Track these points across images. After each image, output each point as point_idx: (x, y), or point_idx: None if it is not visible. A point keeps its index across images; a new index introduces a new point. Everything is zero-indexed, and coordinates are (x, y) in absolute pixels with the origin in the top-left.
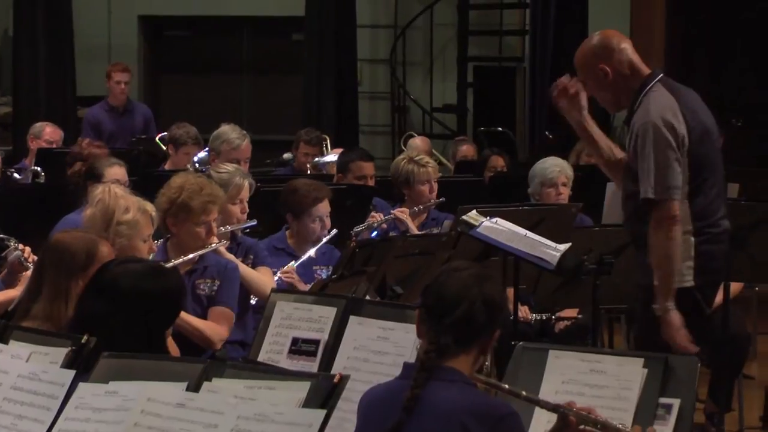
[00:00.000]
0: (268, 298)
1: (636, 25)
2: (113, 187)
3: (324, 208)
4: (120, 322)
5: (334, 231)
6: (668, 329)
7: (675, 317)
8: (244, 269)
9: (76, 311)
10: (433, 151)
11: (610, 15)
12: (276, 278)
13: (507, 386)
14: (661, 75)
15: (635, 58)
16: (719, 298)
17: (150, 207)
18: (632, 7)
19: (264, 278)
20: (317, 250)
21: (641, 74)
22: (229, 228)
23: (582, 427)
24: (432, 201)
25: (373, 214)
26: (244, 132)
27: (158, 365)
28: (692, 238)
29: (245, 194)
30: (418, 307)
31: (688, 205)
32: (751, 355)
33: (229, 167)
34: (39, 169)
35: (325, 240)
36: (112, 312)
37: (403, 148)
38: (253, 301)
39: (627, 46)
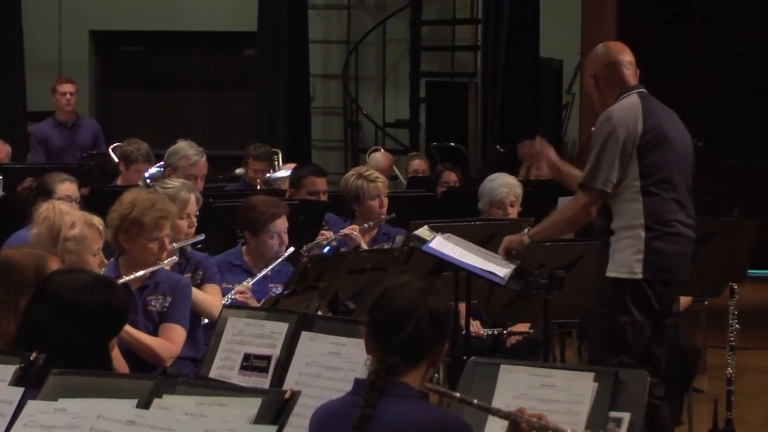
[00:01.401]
0: (219, 314)
1: (587, 40)
2: (57, 203)
3: (282, 224)
4: (62, 332)
5: (292, 249)
6: (508, 240)
7: (517, 238)
8: (194, 292)
9: (20, 321)
10: (394, 167)
11: (562, 30)
12: (229, 300)
13: (458, 394)
14: (642, 89)
15: (627, 71)
16: None
17: (97, 220)
18: (583, 23)
19: (212, 300)
20: (273, 267)
21: (626, 85)
22: (176, 245)
23: None
24: (382, 216)
25: (323, 231)
26: (201, 149)
27: (108, 382)
28: (643, 233)
29: (192, 208)
30: (365, 325)
31: (641, 201)
32: (701, 368)
33: (175, 182)
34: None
35: (283, 257)
36: (55, 322)
37: (367, 160)
38: (205, 320)
39: (623, 60)
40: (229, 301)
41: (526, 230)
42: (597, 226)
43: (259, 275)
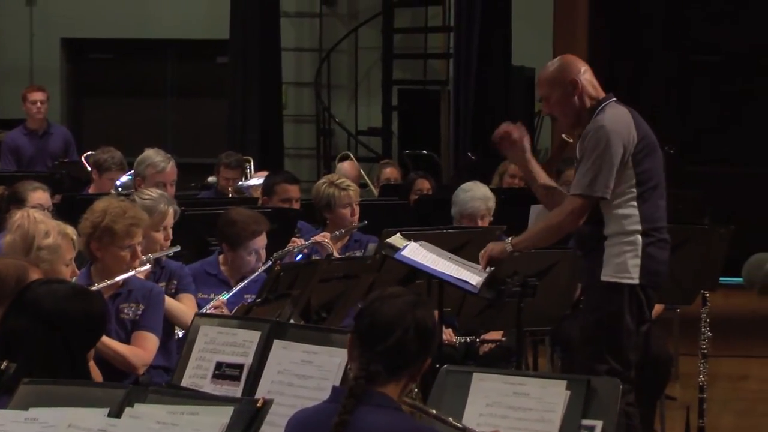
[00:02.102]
0: (191, 323)
1: (558, 48)
2: (32, 211)
3: (261, 241)
4: (41, 342)
5: (269, 263)
6: (490, 248)
7: (499, 247)
8: (168, 301)
9: None
10: (362, 173)
11: (533, 39)
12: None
13: (434, 411)
14: (614, 98)
15: (595, 81)
16: None
17: (70, 230)
18: (554, 31)
19: (188, 311)
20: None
21: (599, 94)
22: (151, 256)
23: None
24: (354, 224)
25: (294, 239)
26: (169, 155)
27: (80, 391)
28: (640, 238)
29: (169, 221)
30: (351, 332)
31: (637, 207)
32: (673, 376)
33: (154, 193)
34: None
35: (258, 272)
36: (34, 331)
37: (336, 167)
38: (180, 333)
39: (588, 69)
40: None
41: (509, 240)
42: (583, 233)
43: (235, 289)
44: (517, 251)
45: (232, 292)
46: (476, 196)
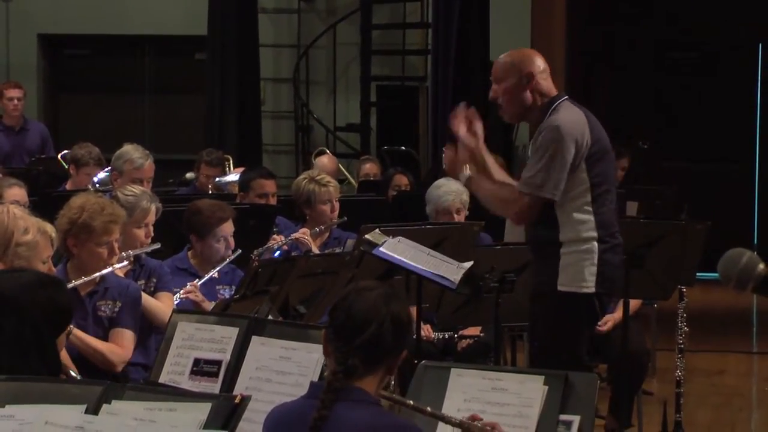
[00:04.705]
0: (169, 319)
1: (536, 44)
2: (12, 207)
3: (228, 227)
4: (7, 331)
5: (239, 251)
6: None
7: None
8: (146, 299)
9: None
10: (341, 167)
11: (511, 35)
12: (177, 300)
13: (411, 402)
14: (567, 97)
15: (551, 81)
16: (618, 314)
17: (50, 228)
18: (532, 26)
19: (166, 309)
20: (220, 269)
21: (551, 93)
22: (131, 252)
23: None
24: (333, 221)
25: (274, 237)
26: (147, 152)
27: (57, 388)
28: (596, 245)
29: (151, 218)
30: (325, 327)
31: (592, 213)
32: (650, 371)
33: (136, 190)
34: None
35: (229, 260)
36: None
37: (313, 162)
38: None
39: (547, 69)
40: (179, 300)
41: (468, 174)
42: (539, 237)
43: (206, 276)
44: (467, 186)
45: (203, 279)
46: (449, 190)
